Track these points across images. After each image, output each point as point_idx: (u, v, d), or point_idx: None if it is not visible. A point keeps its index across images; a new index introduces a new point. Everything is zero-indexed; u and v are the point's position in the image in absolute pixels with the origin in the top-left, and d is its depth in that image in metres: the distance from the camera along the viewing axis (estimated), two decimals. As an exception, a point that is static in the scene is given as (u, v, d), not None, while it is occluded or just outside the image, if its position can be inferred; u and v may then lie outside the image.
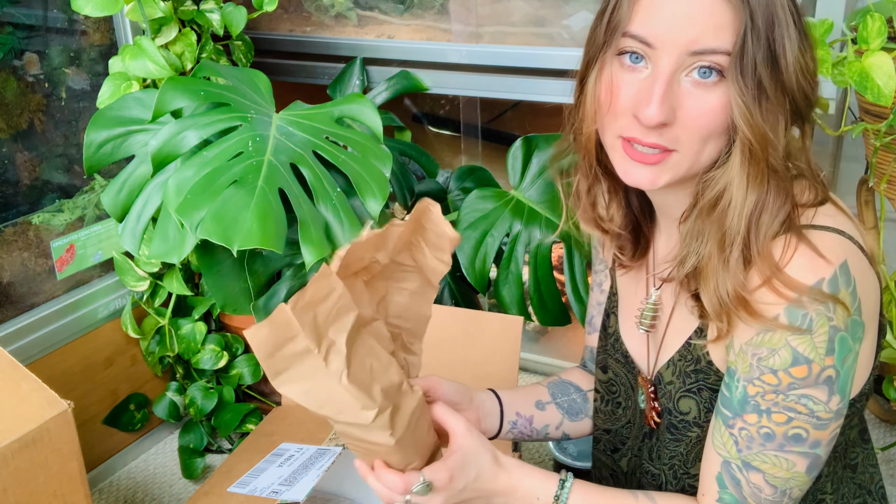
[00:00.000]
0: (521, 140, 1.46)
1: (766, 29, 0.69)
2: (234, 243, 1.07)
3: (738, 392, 0.75)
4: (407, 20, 1.70)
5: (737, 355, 0.74)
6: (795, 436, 0.73)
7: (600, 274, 1.01)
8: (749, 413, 0.74)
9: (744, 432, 0.75)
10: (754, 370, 0.73)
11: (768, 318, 0.70)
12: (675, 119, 0.71)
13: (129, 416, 1.56)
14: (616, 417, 0.96)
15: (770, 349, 0.71)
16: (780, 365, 0.71)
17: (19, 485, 0.80)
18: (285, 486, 1.06)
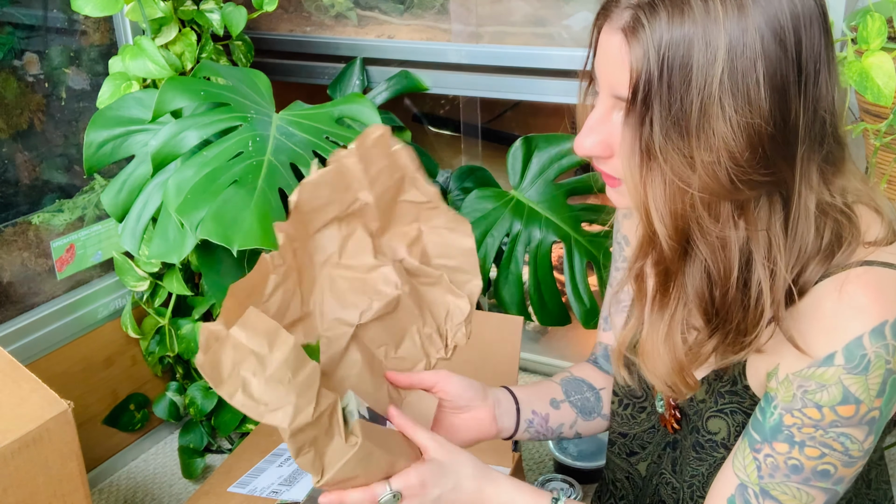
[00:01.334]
0: (521, 140, 1.46)
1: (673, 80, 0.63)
2: (234, 243, 1.07)
3: (772, 419, 0.72)
4: (407, 20, 1.70)
5: (780, 383, 0.72)
6: (824, 471, 0.71)
7: (622, 272, 0.99)
8: (780, 442, 0.72)
9: (769, 460, 0.73)
10: (797, 401, 0.70)
11: (823, 356, 0.68)
12: (612, 151, 0.72)
13: (129, 416, 1.56)
14: (637, 422, 0.95)
15: (820, 384, 0.69)
16: (828, 402, 0.69)
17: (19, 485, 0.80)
18: (285, 485, 1.06)
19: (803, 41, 0.64)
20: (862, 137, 1.27)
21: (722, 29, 0.62)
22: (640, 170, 0.67)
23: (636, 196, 0.69)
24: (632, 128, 0.67)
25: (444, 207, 0.81)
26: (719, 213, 0.67)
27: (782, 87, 0.64)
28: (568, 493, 1.33)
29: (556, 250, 1.46)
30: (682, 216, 0.67)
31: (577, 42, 1.54)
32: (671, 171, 0.65)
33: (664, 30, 0.63)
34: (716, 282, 0.70)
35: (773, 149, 0.65)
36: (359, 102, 1.32)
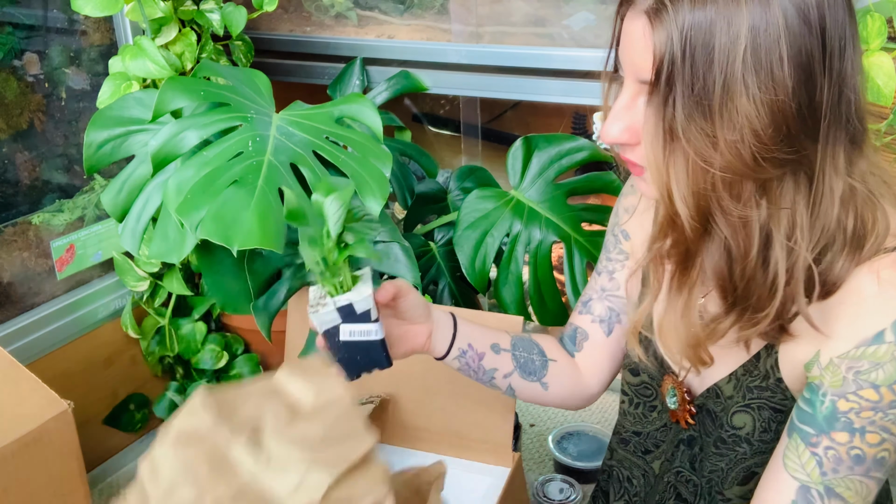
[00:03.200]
0: (521, 140, 1.46)
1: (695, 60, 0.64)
2: (234, 243, 1.07)
3: (824, 407, 0.70)
4: (407, 20, 1.70)
5: (824, 370, 0.71)
6: (882, 459, 0.69)
7: (616, 263, 0.98)
8: (839, 431, 0.69)
9: (831, 452, 0.70)
10: (849, 384, 0.69)
11: (872, 334, 0.68)
12: (639, 138, 0.72)
13: (129, 416, 1.56)
14: (649, 420, 0.94)
15: (873, 363, 0.68)
16: (885, 380, 0.67)
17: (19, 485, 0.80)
18: (285, 486, 1.06)
19: (827, 18, 0.64)
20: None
21: (744, 9, 0.63)
22: (663, 151, 0.68)
23: (658, 178, 0.69)
24: (655, 109, 0.68)
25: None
26: (741, 193, 0.68)
27: (807, 64, 0.64)
28: (568, 494, 1.33)
29: (556, 250, 1.46)
30: (704, 196, 0.68)
31: (577, 42, 1.54)
32: (694, 152, 0.66)
33: (686, 12, 0.64)
34: (735, 260, 0.70)
35: (797, 126, 0.65)
36: (359, 102, 1.31)
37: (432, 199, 1.54)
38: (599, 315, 1.00)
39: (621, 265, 0.98)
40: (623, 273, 0.97)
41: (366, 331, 0.84)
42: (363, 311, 0.83)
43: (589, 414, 1.66)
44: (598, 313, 1.00)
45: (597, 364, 1.01)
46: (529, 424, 1.63)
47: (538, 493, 1.34)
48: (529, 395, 1.00)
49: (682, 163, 0.67)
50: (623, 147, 0.74)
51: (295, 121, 1.27)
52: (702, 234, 0.71)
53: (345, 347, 0.86)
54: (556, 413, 1.66)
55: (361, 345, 0.85)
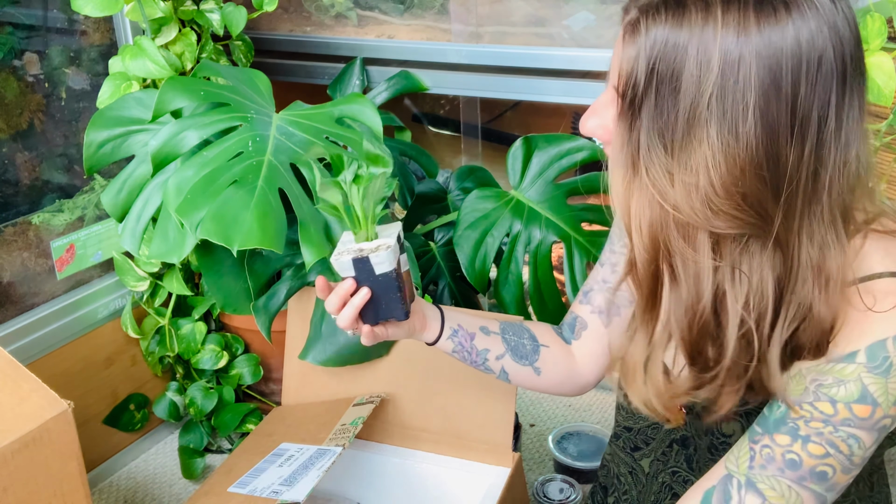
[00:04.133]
0: (521, 140, 1.46)
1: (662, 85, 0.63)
2: (234, 243, 1.07)
3: (778, 411, 0.70)
4: (407, 20, 1.70)
5: (791, 377, 0.70)
6: (822, 473, 0.69)
7: (619, 256, 0.98)
8: (782, 434, 0.70)
9: (766, 451, 0.70)
10: (808, 394, 0.68)
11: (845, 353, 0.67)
12: (611, 136, 0.72)
13: (129, 416, 1.56)
14: (641, 417, 0.95)
15: (837, 379, 0.67)
16: (844, 397, 0.67)
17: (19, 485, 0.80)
18: (285, 486, 1.06)
19: (802, 88, 0.61)
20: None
21: (717, 46, 0.61)
22: (624, 173, 0.67)
23: (620, 198, 0.68)
24: (623, 129, 0.67)
25: None
26: (694, 239, 0.65)
27: (772, 127, 0.61)
28: (568, 494, 1.33)
29: (556, 250, 1.46)
30: (658, 230, 0.66)
31: (577, 42, 1.54)
32: (651, 183, 0.65)
33: (659, 34, 0.63)
34: (687, 310, 0.68)
35: (757, 187, 0.63)
36: (359, 102, 1.31)
37: (432, 199, 1.55)
38: (599, 306, 1.00)
39: (624, 258, 0.97)
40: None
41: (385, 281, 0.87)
42: (380, 262, 0.86)
43: (589, 414, 1.66)
44: (597, 304, 1.00)
45: (593, 353, 1.01)
46: (529, 424, 1.63)
47: (538, 493, 1.34)
48: (523, 380, 1.01)
49: (642, 192, 0.66)
50: (601, 141, 0.75)
51: (295, 121, 1.27)
52: (656, 273, 0.69)
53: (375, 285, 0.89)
54: (556, 413, 1.66)
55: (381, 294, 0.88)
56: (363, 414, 1.19)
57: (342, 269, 0.87)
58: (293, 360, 1.33)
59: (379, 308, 0.88)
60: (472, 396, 1.21)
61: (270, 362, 1.59)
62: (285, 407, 1.34)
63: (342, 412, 1.22)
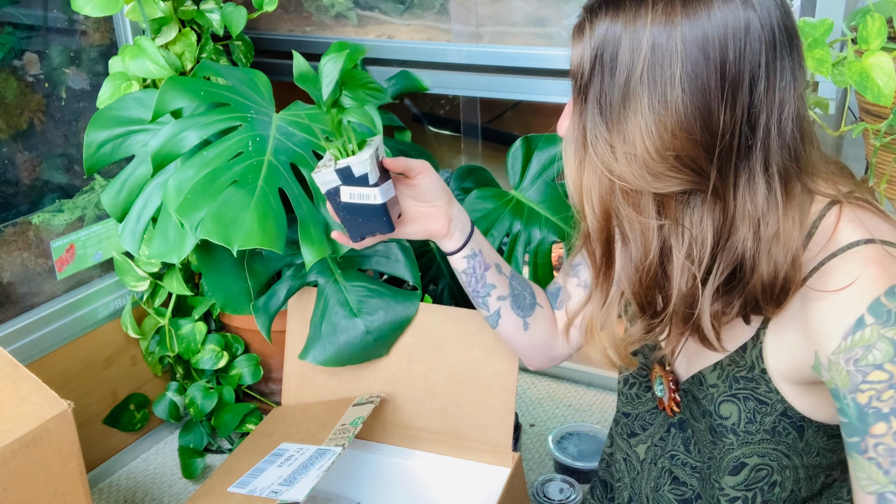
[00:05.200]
0: (521, 140, 1.46)
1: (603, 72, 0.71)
2: (234, 243, 1.07)
3: (850, 409, 0.70)
4: (407, 20, 1.70)
5: (828, 370, 0.71)
6: None
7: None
8: (873, 424, 0.69)
9: (880, 448, 0.69)
10: (855, 375, 0.69)
11: (852, 322, 0.69)
12: None
13: (129, 416, 1.56)
14: (641, 401, 0.96)
15: (864, 347, 0.69)
16: (883, 358, 0.68)
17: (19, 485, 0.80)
18: (285, 486, 1.06)
19: (730, 51, 0.68)
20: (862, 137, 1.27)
21: (648, 31, 0.68)
22: (575, 157, 0.75)
23: (572, 177, 0.76)
24: (574, 118, 0.75)
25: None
26: (639, 204, 0.73)
27: (702, 91, 0.68)
28: (568, 494, 1.33)
29: (556, 250, 1.46)
30: (607, 202, 0.74)
31: (577, 42, 1.54)
32: (598, 160, 0.72)
33: (599, 28, 0.71)
34: (636, 267, 0.75)
35: (690, 149, 0.69)
36: (359, 102, 1.31)
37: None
38: (585, 281, 1.03)
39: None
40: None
41: (364, 194, 0.88)
42: (361, 175, 0.86)
43: (589, 414, 1.66)
44: (584, 278, 1.03)
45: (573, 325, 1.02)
46: (529, 424, 1.63)
47: (538, 493, 1.34)
48: (509, 329, 1.04)
49: (591, 169, 0.74)
50: None
51: (295, 121, 1.27)
52: (608, 239, 0.76)
53: (345, 209, 0.91)
54: (556, 413, 1.66)
55: (361, 207, 0.90)
56: (363, 414, 1.19)
57: (322, 182, 0.88)
58: (293, 359, 1.33)
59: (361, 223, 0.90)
60: (472, 396, 1.21)
61: (270, 362, 1.59)
62: (285, 407, 1.34)
63: (342, 412, 1.22)
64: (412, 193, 0.97)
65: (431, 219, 0.97)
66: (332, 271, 1.32)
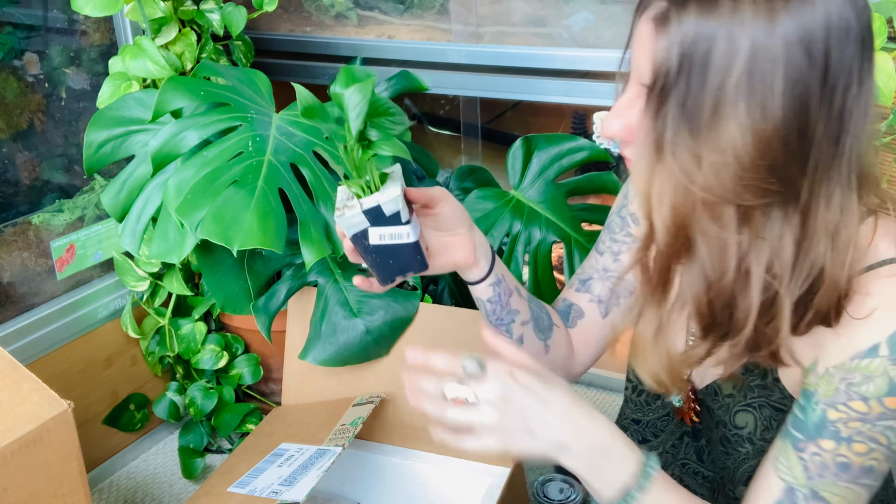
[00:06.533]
0: (521, 140, 1.46)
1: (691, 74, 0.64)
2: (234, 243, 1.07)
3: (815, 415, 0.71)
4: (407, 20, 1.70)
5: (820, 378, 0.71)
6: (869, 468, 0.70)
7: (622, 245, 0.97)
8: (826, 439, 0.70)
9: (816, 458, 0.71)
10: (840, 395, 0.69)
11: (867, 347, 0.68)
12: (633, 138, 0.72)
13: (129, 416, 1.56)
14: (651, 409, 0.94)
15: (865, 376, 0.68)
16: (874, 393, 0.68)
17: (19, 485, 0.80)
18: (285, 486, 1.06)
19: (833, 53, 0.63)
20: (862, 137, 1.27)
21: (748, 31, 0.62)
22: (648, 160, 0.68)
23: (642, 185, 0.69)
24: (648, 118, 0.68)
25: None
26: (721, 217, 0.67)
27: (803, 97, 0.63)
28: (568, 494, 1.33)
29: (556, 250, 1.46)
30: (683, 213, 0.67)
31: (577, 42, 1.54)
32: (678, 168, 0.66)
33: (690, 25, 0.64)
34: (710, 284, 0.69)
35: (784, 159, 0.64)
36: (359, 102, 1.31)
37: (432, 199, 1.54)
38: (599, 295, 0.98)
39: (627, 247, 0.96)
40: (628, 256, 0.96)
41: (397, 233, 0.79)
42: (392, 213, 0.77)
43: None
44: (598, 293, 0.98)
45: (586, 344, 1.00)
46: (529, 424, 1.63)
47: (538, 493, 1.34)
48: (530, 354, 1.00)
49: (666, 177, 0.67)
50: (621, 143, 0.75)
51: (295, 121, 1.27)
52: (679, 251, 0.70)
53: (375, 252, 0.80)
54: (556, 413, 1.66)
55: (393, 248, 0.79)
56: (363, 414, 1.19)
57: (348, 226, 0.77)
58: (293, 359, 1.33)
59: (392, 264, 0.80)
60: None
61: (270, 362, 1.59)
62: (285, 407, 1.34)
63: (342, 412, 1.22)
64: (433, 224, 0.87)
65: (457, 248, 0.89)
66: (332, 271, 1.32)
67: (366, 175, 0.77)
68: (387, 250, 0.79)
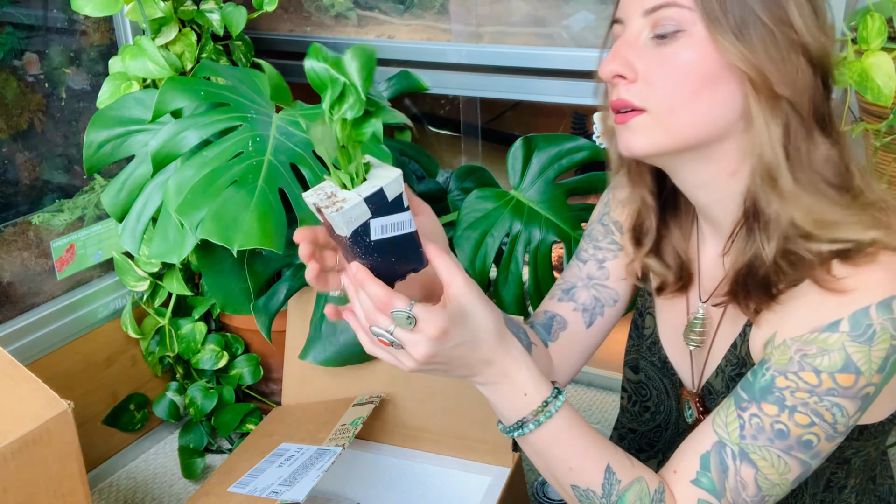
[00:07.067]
0: (521, 140, 1.46)
1: None
2: (234, 243, 1.07)
3: (763, 379, 0.71)
4: (407, 20, 1.70)
5: (776, 347, 0.72)
6: (808, 441, 0.70)
7: (606, 252, 0.96)
8: (769, 403, 0.70)
9: (755, 420, 0.71)
10: (793, 364, 0.70)
11: (828, 322, 0.68)
12: (636, 75, 0.72)
13: (129, 416, 1.56)
14: (642, 420, 0.94)
15: (821, 349, 0.68)
16: (828, 367, 0.68)
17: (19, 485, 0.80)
18: (285, 486, 1.06)
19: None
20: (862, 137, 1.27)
21: None
22: (744, 43, 0.68)
23: (750, 67, 0.69)
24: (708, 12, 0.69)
25: None
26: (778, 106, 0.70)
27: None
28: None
29: (556, 250, 1.46)
30: (802, 81, 0.70)
31: (577, 42, 1.54)
32: (771, 34, 0.68)
33: None
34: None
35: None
36: (359, 102, 1.31)
37: (432, 199, 1.54)
38: (584, 304, 0.96)
39: (613, 255, 0.95)
40: (615, 263, 0.95)
41: (399, 222, 0.68)
42: (395, 197, 0.67)
43: (589, 414, 1.66)
44: (582, 301, 0.96)
45: (568, 356, 0.97)
46: (529, 424, 1.63)
47: (538, 493, 1.34)
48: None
49: (774, 51, 0.69)
50: (618, 87, 0.73)
51: (295, 121, 1.27)
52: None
53: (377, 249, 0.68)
54: (556, 413, 1.66)
55: (395, 242, 0.68)
56: (363, 414, 1.19)
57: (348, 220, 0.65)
58: (293, 359, 1.33)
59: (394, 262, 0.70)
60: (472, 396, 1.21)
61: (270, 362, 1.59)
62: (285, 407, 1.34)
63: (342, 412, 1.22)
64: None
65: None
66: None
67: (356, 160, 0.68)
68: (388, 245, 0.68)
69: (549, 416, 0.72)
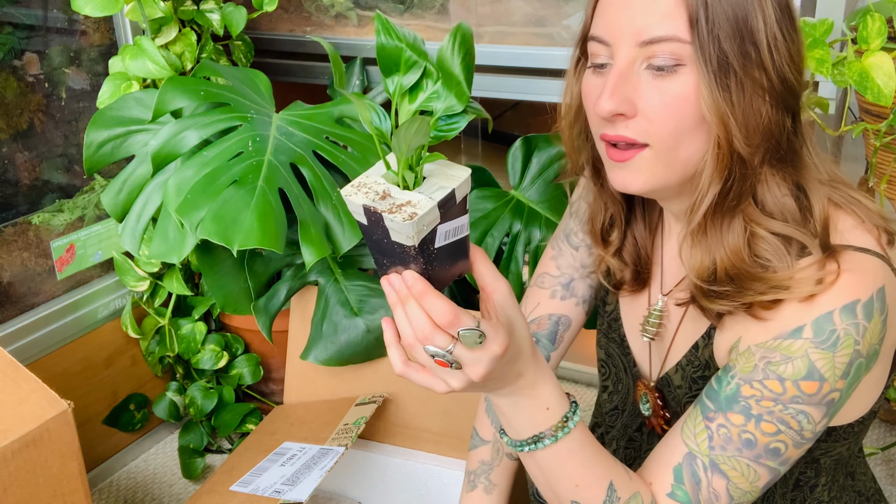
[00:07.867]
0: (521, 140, 1.46)
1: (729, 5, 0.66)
2: (234, 243, 1.07)
3: (728, 388, 0.71)
4: (407, 20, 1.70)
5: (740, 354, 0.71)
6: (775, 449, 0.70)
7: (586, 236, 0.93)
8: (735, 413, 0.70)
9: (722, 430, 0.71)
10: (758, 372, 0.69)
11: (791, 328, 0.68)
12: (636, 111, 0.69)
13: (129, 416, 1.56)
14: (602, 400, 0.94)
15: (785, 356, 0.68)
16: (792, 375, 0.68)
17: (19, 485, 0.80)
18: (288, 485, 1.06)
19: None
20: (862, 137, 1.27)
21: None
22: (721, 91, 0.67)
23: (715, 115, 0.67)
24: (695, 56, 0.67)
25: None
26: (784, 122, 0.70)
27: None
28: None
29: (557, 250, 1.46)
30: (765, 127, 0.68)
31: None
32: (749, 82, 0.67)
33: None
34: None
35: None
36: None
37: (432, 198, 1.54)
38: (583, 296, 0.95)
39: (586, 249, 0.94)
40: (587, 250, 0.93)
41: (461, 226, 0.63)
42: (462, 199, 0.62)
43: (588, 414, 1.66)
44: (581, 294, 0.95)
45: (560, 353, 0.97)
46: (529, 424, 1.63)
47: (538, 494, 1.34)
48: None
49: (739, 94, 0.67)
50: (616, 125, 0.71)
51: (295, 121, 1.27)
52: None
53: (438, 256, 0.62)
54: (556, 413, 1.66)
55: (454, 246, 0.63)
56: (366, 414, 1.19)
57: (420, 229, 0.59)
58: (295, 359, 1.33)
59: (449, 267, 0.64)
60: (474, 397, 1.21)
61: (270, 362, 1.59)
62: (287, 406, 1.34)
63: (344, 412, 1.22)
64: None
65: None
66: (333, 271, 1.32)
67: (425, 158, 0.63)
68: (447, 251, 0.63)
69: (566, 433, 0.70)
